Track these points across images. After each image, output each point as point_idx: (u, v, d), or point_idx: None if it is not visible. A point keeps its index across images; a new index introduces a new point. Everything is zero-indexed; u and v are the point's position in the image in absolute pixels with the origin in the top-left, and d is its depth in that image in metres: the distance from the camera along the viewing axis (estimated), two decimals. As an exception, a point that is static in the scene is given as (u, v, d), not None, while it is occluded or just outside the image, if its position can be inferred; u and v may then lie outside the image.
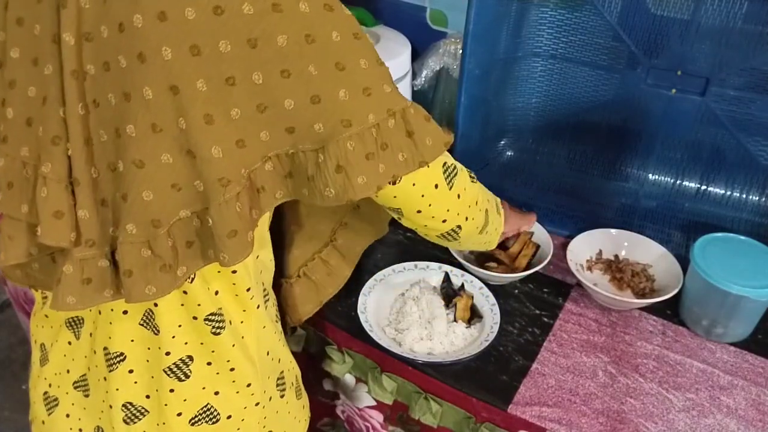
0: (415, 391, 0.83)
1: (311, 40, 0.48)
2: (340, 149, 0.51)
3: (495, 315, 0.87)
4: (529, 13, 1.07)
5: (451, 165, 0.63)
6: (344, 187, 0.52)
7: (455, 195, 0.64)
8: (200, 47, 0.46)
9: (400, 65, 1.03)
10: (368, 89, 0.51)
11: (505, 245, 0.98)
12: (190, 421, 0.63)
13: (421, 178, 0.59)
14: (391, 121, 0.53)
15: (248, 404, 0.64)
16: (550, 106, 1.14)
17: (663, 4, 0.96)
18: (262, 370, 0.65)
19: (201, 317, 0.59)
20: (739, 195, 1.05)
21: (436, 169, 0.60)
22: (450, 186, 0.62)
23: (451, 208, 0.64)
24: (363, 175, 0.52)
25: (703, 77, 0.98)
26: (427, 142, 0.56)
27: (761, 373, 0.81)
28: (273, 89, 0.48)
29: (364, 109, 0.51)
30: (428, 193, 0.61)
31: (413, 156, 0.55)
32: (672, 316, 0.89)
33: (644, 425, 0.74)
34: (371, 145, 0.52)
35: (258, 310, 0.64)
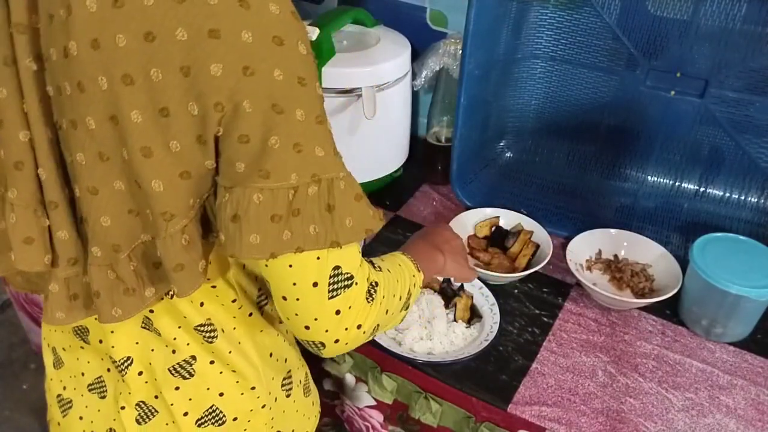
0: (415, 390, 0.83)
1: (249, 73, 0.44)
2: (244, 198, 0.47)
3: (495, 315, 0.87)
4: (528, 14, 1.07)
5: (346, 274, 0.53)
6: (233, 240, 0.48)
7: (333, 309, 0.53)
8: (132, 76, 0.43)
9: (400, 65, 1.04)
10: (299, 145, 0.46)
11: (504, 245, 0.99)
12: (197, 422, 0.63)
13: (299, 265, 0.51)
14: (312, 188, 0.48)
15: (254, 407, 0.64)
16: (549, 107, 1.14)
17: (662, 6, 0.96)
18: (265, 372, 0.65)
19: (191, 327, 0.59)
20: (737, 196, 1.06)
21: (324, 266, 0.51)
22: (332, 295, 0.52)
23: (320, 318, 0.53)
24: (258, 234, 0.47)
25: (703, 79, 0.98)
26: (347, 223, 0.50)
27: (760, 372, 0.81)
28: (209, 122, 0.45)
29: (289, 165, 0.46)
30: (301, 287, 0.52)
31: (326, 232, 0.49)
32: (671, 316, 0.89)
33: (644, 425, 0.75)
34: (282, 206, 0.47)
35: (251, 318, 0.63)
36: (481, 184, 1.12)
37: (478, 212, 1.04)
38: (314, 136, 0.47)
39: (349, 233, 0.50)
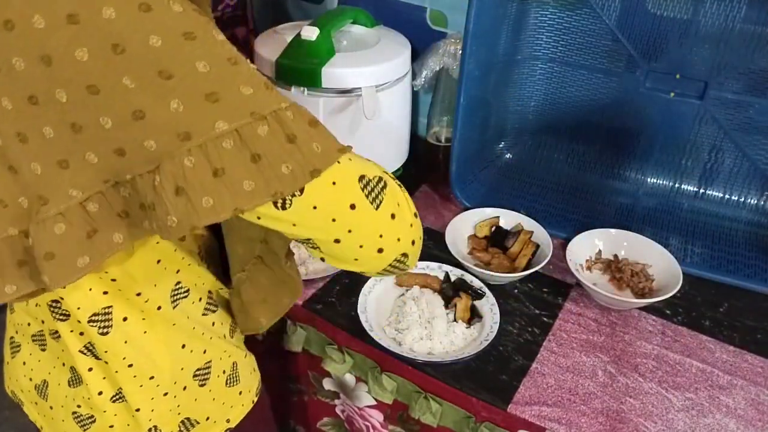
0: (415, 390, 0.83)
1: (120, 50, 0.42)
2: (176, 167, 0.44)
3: (495, 315, 0.87)
4: (528, 14, 1.07)
5: (374, 178, 0.51)
6: (187, 213, 0.45)
7: (386, 215, 0.51)
8: (5, 65, 0.42)
9: (400, 65, 1.04)
10: (214, 94, 0.44)
11: (504, 245, 0.99)
12: (112, 399, 0.64)
13: (324, 199, 0.49)
14: (261, 127, 0.45)
15: (155, 395, 0.65)
16: (549, 108, 1.15)
17: (662, 7, 0.96)
18: (172, 362, 0.65)
19: (84, 320, 0.59)
20: (737, 198, 1.06)
21: (348, 185, 0.49)
22: (376, 204, 0.50)
23: (385, 233, 0.51)
24: (209, 196, 0.44)
25: (702, 81, 0.98)
26: (314, 148, 0.47)
27: (760, 372, 0.81)
28: (82, 108, 0.43)
29: (209, 116, 0.44)
30: (342, 218, 0.50)
31: (301, 165, 0.46)
32: (671, 316, 0.89)
33: (644, 425, 0.75)
34: (221, 158, 0.44)
35: (160, 311, 0.62)
36: (480, 185, 1.13)
37: (478, 212, 1.04)
38: (232, 78, 0.45)
39: (323, 157, 0.47)
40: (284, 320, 0.93)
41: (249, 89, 0.45)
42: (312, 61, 0.95)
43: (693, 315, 0.90)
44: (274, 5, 1.37)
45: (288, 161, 0.46)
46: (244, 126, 0.45)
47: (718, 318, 0.90)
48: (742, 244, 1.01)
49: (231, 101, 0.44)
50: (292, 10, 1.35)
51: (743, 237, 1.03)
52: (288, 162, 0.46)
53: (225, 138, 0.44)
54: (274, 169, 0.45)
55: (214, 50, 0.44)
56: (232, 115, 0.44)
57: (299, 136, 0.46)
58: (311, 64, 0.95)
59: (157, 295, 0.62)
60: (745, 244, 1.01)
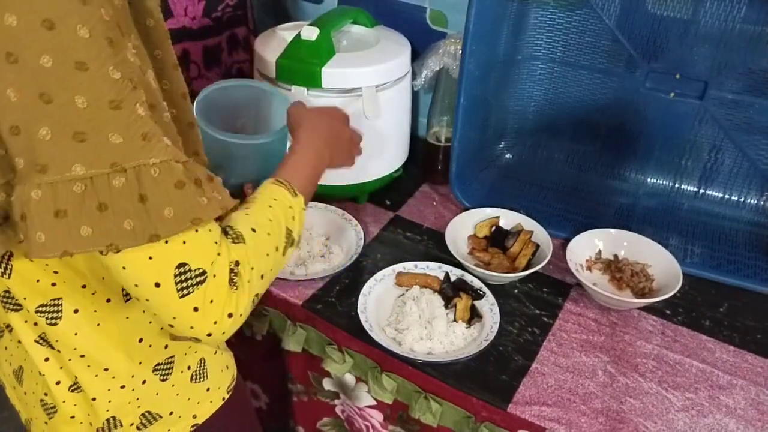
0: (415, 390, 0.83)
1: (13, 60, 0.41)
2: (24, 195, 0.45)
3: (495, 315, 0.87)
4: (528, 15, 1.07)
5: (196, 269, 0.50)
6: (26, 239, 0.46)
7: (188, 306, 0.50)
8: None
9: (400, 65, 1.04)
10: (82, 134, 0.43)
11: (504, 245, 0.99)
12: (70, 388, 0.64)
13: (135, 266, 0.49)
14: (118, 179, 0.45)
15: (112, 386, 0.65)
16: (549, 108, 1.15)
17: (662, 7, 0.96)
18: (128, 355, 0.64)
19: (32, 310, 0.59)
20: (737, 198, 1.06)
21: (163, 266, 0.49)
22: (182, 294, 0.50)
23: (178, 317, 0.51)
24: (43, 232, 0.45)
25: (702, 81, 0.98)
26: (166, 213, 0.47)
27: (760, 372, 0.81)
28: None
29: (69, 156, 0.44)
30: (144, 288, 0.50)
31: (144, 226, 0.46)
32: (671, 316, 0.89)
33: (643, 425, 0.75)
34: (66, 201, 0.45)
35: (110, 304, 0.61)
36: (480, 185, 1.13)
37: (478, 212, 1.04)
38: (106, 122, 0.44)
39: (170, 224, 0.47)
40: (284, 320, 0.93)
41: (119, 138, 0.45)
42: (312, 61, 0.95)
43: (693, 315, 0.90)
44: (274, 5, 1.37)
45: (132, 218, 0.46)
46: (100, 176, 0.45)
47: (718, 318, 0.90)
48: (742, 244, 1.01)
49: (96, 146, 0.44)
50: (292, 10, 1.35)
51: (743, 237, 1.03)
52: (132, 219, 0.46)
53: (77, 182, 0.45)
54: (117, 223, 0.46)
55: (101, 88, 0.44)
56: (92, 161, 0.44)
57: (152, 197, 0.46)
58: (311, 64, 0.95)
59: (104, 288, 0.61)
60: (745, 244, 1.01)
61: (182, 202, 0.48)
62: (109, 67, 0.44)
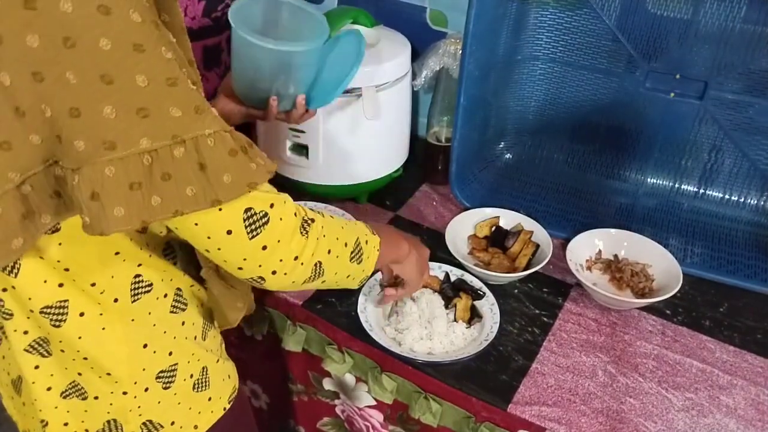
0: (415, 390, 0.83)
1: (71, 44, 0.43)
2: (96, 174, 0.46)
3: (495, 315, 0.87)
4: (528, 15, 1.07)
5: (260, 212, 0.54)
6: (98, 218, 0.48)
7: (258, 246, 0.55)
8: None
9: (400, 65, 1.03)
10: (145, 110, 0.46)
11: (504, 245, 0.99)
12: (62, 394, 0.64)
13: (207, 219, 0.52)
14: (179, 150, 0.48)
15: (114, 390, 0.64)
16: (549, 108, 1.15)
17: (662, 7, 0.96)
18: (132, 361, 0.64)
19: (36, 310, 0.58)
20: (737, 198, 1.06)
21: (231, 214, 0.53)
22: (252, 235, 0.54)
23: (249, 258, 0.56)
24: (122, 206, 0.47)
25: (702, 81, 0.98)
26: (225, 179, 0.50)
27: (760, 372, 0.81)
28: (26, 92, 0.45)
29: (136, 131, 0.46)
30: (217, 237, 0.54)
31: (205, 192, 0.50)
32: (671, 316, 0.89)
33: (644, 425, 0.75)
34: (138, 173, 0.47)
35: (117, 304, 0.61)
36: (480, 185, 1.13)
37: (478, 212, 1.04)
38: (165, 98, 0.47)
39: (229, 190, 0.51)
40: (284, 320, 0.93)
41: (178, 111, 0.48)
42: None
43: (693, 315, 0.90)
44: (274, 5, 1.37)
45: (194, 185, 0.49)
46: (164, 147, 0.48)
47: (718, 318, 0.90)
48: (742, 244, 1.01)
49: (159, 120, 0.47)
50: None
51: (743, 237, 1.03)
52: (194, 185, 0.49)
53: (145, 155, 0.47)
54: (180, 190, 0.49)
55: (157, 67, 0.47)
56: (156, 133, 0.47)
57: (211, 165, 0.49)
58: (311, 64, 0.95)
59: (113, 286, 0.60)
60: (745, 244, 1.01)
61: (237, 168, 0.51)
62: (161, 47, 0.47)
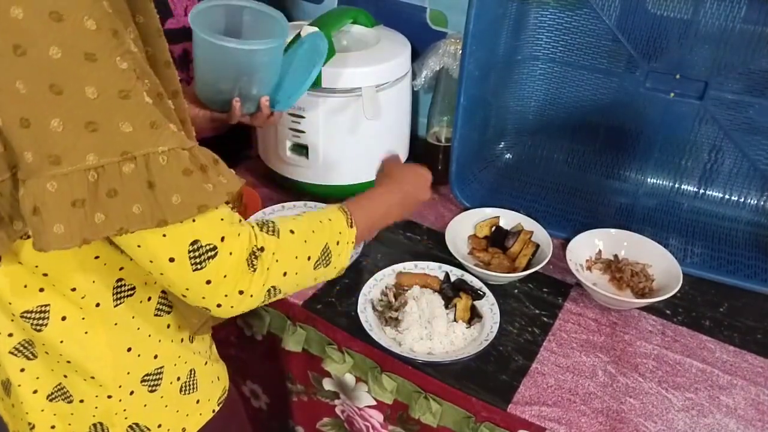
0: (415, 390, 0.83)
1: (21, 52, 0.42)
2: (38, 188, 0.45)
3: (495, 315, 0.87)
4: (528, 15, 1.07)
5: (207, 245, 0.51)
6: (39, 233, 0.46)
7: (201, 279, 0.52)
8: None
9: (400, 65, 1.04)
10: (93, 124, 0.44)
11: (504, 245, 0.99)
12: (48, 397, 0.63)
13: (150, 244, 0.50)
14: (128, 166, 0.46)
15: (99, 394, 0.64)
16: (549, 108, 1.15)
17: (662, 7, 0.96)
18: (116, 365, 0.63)
19: (17, 314, 0.58)
20: (737, 198, 1.06)
21: (176, 242, 0.50)
22: (196, 267, 0.51)
23: (191, 289, 0.53)
24: (62, 223, 0.45)
25: (702, 81, 0.98)
26: (173, 200, 0.48)
27: (760, 372, 0.81)
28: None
29: (82, 146, 0.45)
30: (159, 264, 0.52)
31: (152, 211, 0.48)
32: (671, 316, 0.89)
33: (643, 425, 0.75)
34: (82, 190, 0.45)
35: (99, 309, 0.60)
36: (480, 185, 1.13)
37: (478, 212, 1.04)
38: (116, 112, 0.45)
39: (178, 210, 0.49)
40: (284, 320, 0.93)
41: (129, 127, 0.46)
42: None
43: (693, 315, 0.90)
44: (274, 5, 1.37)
45: (141, 203, 0.47)
46: (112, 164, 0.46)
47: (718, 318, 0.90)
48: (742, 244, 1.01)
49: (107, 135, 0.45)
50: (292, 10, 1.35)
51: (743, 237, 1.03)
52: (141, 203, 0.47)
53: (91, 171, 0.45)
54: (126, 207, 0.47)
55: (109, 79, 0.45)
56: (104, 149, 0.45)
57: (160, 184, 0.47)
58: (311, 64, 0.95)
59: (94, 291, 0.60)
60: (745, 244, 1.01)
61: (189, 189, 0.49)
62: (116, 57, 0.45)
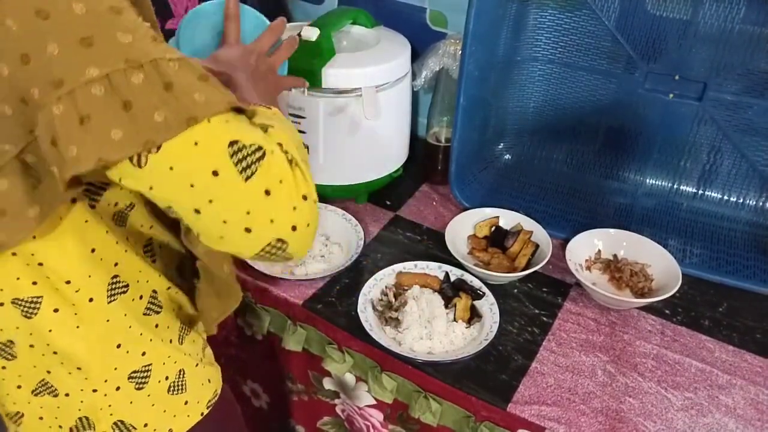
0: (415, 390, 0.83)
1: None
2: (47, 116, 0.42)
3: (494, 315, 0.87)
4: (528, 15, 1.08)
5: (250, 145, 0.46)
6: (59, 163, 0.43)
7: (257, 190, 0.46)
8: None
9: (400, 66, 1.04)
10: (88, 39, 0.42)
11: (504, 245, 0.99)
12: (33, 392, 0.62)
13: (183, 159, 0.45)
14: (137, 75, 0.43)
15: (84, 387, 0.62)
16: (548, 109, 1.15)
17: (661, 8, 0.96)
18: (103, 360, 0.62)
19: (7, 301, 0.56)
20: (736, 199, 1.06)
21: (213, 147, 0.45)
22: (246, 175, 0.46)
23: (253, 210, 0.46)
24: (74, 144, 0.42)
25: (701, 82, 0.99)
26: (197, 98, 0.44)
27: (759, 372, 0.82)
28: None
29: (81, 62, 0.42)
30: (202, 185, 0.45)
31: (176, 113, 0.43)
32: (671, 316, 0.90)
33: (643, 424, 0.75)
34: (88, 105, 0.42)
35: (92, 304, 0.59)
36: (480, 186, 1.13)
37: (477, 212, 1.04)
38: (110, 25, 0.43)
39: (205, 107, 0.44)
40: (284, 320, 0.93)
41: (128, 37, 0.43)
42: (312, 62, 0.96)
43: (692, 315, 0.90)
44: (275, 5, 1.37)
45: (162, 108, 0.43)
46: (116, 72, 0.42)
47: (717, 318, 0.90)
48: (740, 245, 1.02)
49: (106, 47, 0.43)
50: (292, 10, 1.35)
51: (742, 238, 1.03)
52: (161, 109, 0.43)
53: (95, 84, 0.42)
54: (146, 118, 0.43)
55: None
56: (105, 61, 0.42)
57: (177, 84, 0.43)
58: (311, 65, 0.95)
59: (89, 285, 0.58)
60: (744, 244, 1.01)
61: (211, 90, 0.46)
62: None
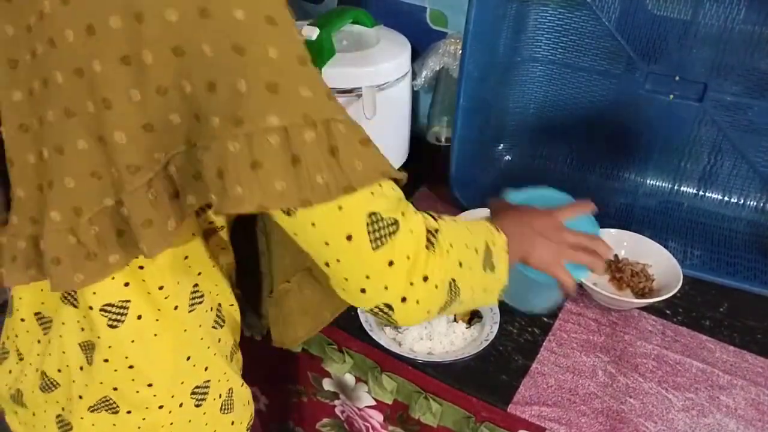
0: (415, 390, 0.83)
1: (206, 15, 0.42)
2: (221, 149, 0.44)
3: (495, 315, 0.87)
4: (528, 15, 1.08)
5: (388, 218, 0.48)
6: (221, 196, 0.45)
7: (383, 260, 0.49)
8: (94, 26, 0.43)
9: (400, 65, 1.04)
10: (275, 85, 0.43)
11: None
12: (90, 408, 0.62)
13: (325, 219, 0.47)
14: (309, 133, 0.44)
15: (150, 405, 0.63)
16: (548, 109, 1.15)
17: (661, 9, 0.96)
18: (174, 373, 0.63)
19: (97, 307, 0.57)
20: (736, 200, 1.06)
21: (354, 215, 0.47)
22: (376, 245, 0.48)
23: (373, 276, 0.49)
24: (240, 185, 0.44)
25: (701, 82, 0.99)
26: (357, 166, 0.46)
27: (760, 372, 0.81)
28: (167, 69, 0.44)
29: (264, 107, 0.43)
30: (335, 245, 0.48)
31: (336, 179, 0.45)
32: (671, 316, 0.90)
33: (644, 425, 0.74)
34: (262, 152, 0.44)
35: (176, 312, 0.60)
36: (480, 186, 1.12)
37: (478, 212, 1.04)
38: (295, 76, 0.45)
39: (362, 176, 0.46)
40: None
41: (309, 92, 0.45)
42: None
43: (693, 315, 0.90)
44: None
45: (325, 171, 0.45)
46: (294, 126, 0.44)
47: (718, 318, 0.90)
48: (741, 245, 1.01)
49: (289, 97, 0.44)
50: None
51: (743, 239, 1.03)
52: (324, 172, 0.45)
53: (272, 133, 0.44)
54: (310, 177, 0.45)
55: (290, 44, 0.45)
56: (285, 111, 0.44)
57: (343, 150, 0.45)
58: (312, 64, 0.95)
59: (177, 292, 0.60)
60: (745, 245, 1.01)
61: (370, 157, 0.48)
62: (292, 26, 0.46)
